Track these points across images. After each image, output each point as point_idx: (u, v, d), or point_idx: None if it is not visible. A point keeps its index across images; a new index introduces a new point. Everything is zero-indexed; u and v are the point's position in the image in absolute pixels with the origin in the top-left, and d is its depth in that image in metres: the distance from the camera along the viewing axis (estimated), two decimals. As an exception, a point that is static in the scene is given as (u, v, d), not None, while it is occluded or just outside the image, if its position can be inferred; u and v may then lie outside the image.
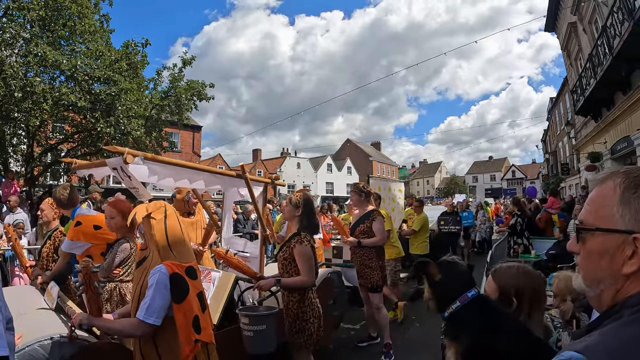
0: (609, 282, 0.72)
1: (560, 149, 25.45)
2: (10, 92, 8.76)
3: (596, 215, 0.76)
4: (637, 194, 0.71)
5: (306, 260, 2.81)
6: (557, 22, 17.68)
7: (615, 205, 0.72)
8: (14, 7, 9.58)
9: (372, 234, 4.22)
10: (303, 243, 2.83)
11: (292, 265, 2.85)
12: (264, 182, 3.94)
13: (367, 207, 4.42)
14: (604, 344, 0.63)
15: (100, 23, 11.97)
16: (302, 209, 3.03)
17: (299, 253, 2.81)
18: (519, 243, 7.42)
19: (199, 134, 31.76)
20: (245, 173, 3.46)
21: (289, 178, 41.21)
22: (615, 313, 0.69)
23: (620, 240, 0.70)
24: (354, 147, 59.31)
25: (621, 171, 0.75)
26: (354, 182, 7.15)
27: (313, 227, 3.06)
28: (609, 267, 0.72)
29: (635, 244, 0.68)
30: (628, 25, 8.17)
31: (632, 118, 10.49)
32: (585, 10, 13.10)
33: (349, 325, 5.20)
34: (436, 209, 11.90)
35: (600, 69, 10.56)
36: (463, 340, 1.46)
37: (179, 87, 12.83)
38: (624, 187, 0.72)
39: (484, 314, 1.48)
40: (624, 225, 0.70)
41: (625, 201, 0.71)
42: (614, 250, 0.71)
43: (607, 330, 0.66)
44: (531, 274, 1.72)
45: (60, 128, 13.41)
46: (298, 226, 3.01)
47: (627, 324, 0.64)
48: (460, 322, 1.52)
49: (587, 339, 0.65)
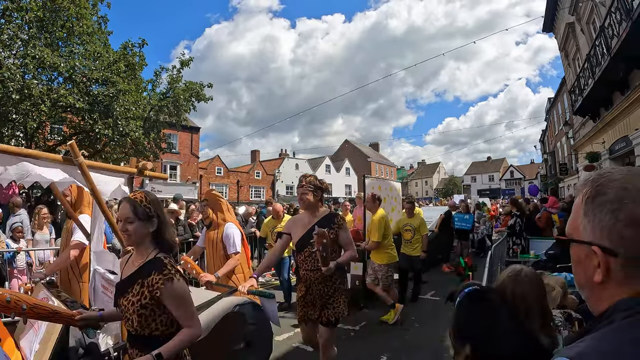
0: (588, 288, 0.76)
1: (558, 149, 25.50)
2: (8, 94, 8.74)
3: (570, 225, 0.79)
4: (594, 204, 0.73)
5: (183, 304, 1.76)
6: (555, 23, 17.71)
7: (581, 217, 0.75)
8: (13, 8, 9.56)
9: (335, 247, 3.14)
10: (173, 279, 1.72)
11: (156, 314, 1.74)
12: (125, 173, 3.14)
13: (319, 209, 3.24)
14: (595, 349, 0.64)
15: (99, 24, 11.97)
16: (154, 217, 1.85)
17: (171, 296, 1.71)
18: (517, 243, 7.42)
19: (197, 136, 31.79)
20: (78, 157, 2.48)
21: (287, 179, 41.18)
22: (606, 318, 0.70)
23: (587, 251, 0.73)
24: (352, 148, 59.31)
25: (590, 180, 0.78)
26: (349, 183, 6.92)
27: (168, 245, 1.92)
28: (584, 275, 0.75)
29: (597, 253, 0.71)
30: (626, 25, 8.19)
31: (630, 118, 10.51)
32: (583, 11, 13.13)
33: (348, 326, 5.18)
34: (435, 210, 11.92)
35: (598, 69, 10.58)
36: (453, 323, 1.67)
37: (177, 88, 12.83)
38: (587, 198, 0.75)
39: (468, 306, 1.66)
40: (587, 236, 0.73)
41: (587, 212, 0.74)
42: (584, 259, 0.75)
43: (598, 335, 0.67)
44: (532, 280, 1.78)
45: (58, 130, 13.37)
46: (150, 248, 1.85)
47: (618, 329, 0.66)
48: (457, 314, 1.71)
49: (580, 344, 0.66)
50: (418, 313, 5.81)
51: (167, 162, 28.61)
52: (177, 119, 13.47)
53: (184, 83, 13.05)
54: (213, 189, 4.08)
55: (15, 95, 8.73)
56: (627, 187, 0.71)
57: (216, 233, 3.82)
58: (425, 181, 75.52)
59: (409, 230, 6.54)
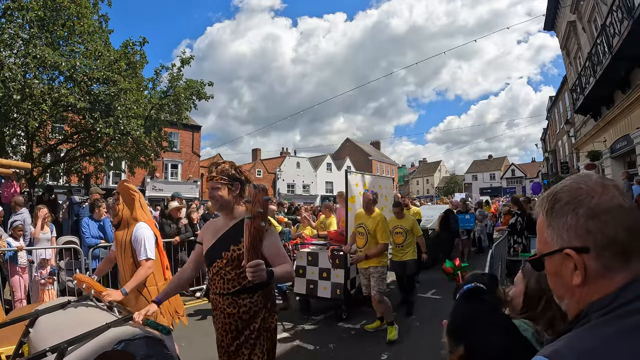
0: (569, 296, 0.77)
1: (559, 148, 25.45)
2: (9, 94, 8.75)
3: (539, 244, 0.84)
4: (554, 213, 0.77)
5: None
6: (557, 21, 17.66)
7: (546, 231, 0.79)
8: (14, 7, 9.56)
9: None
10: None
11: None
12: None
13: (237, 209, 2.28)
14: (570, 347, 0.65)
15: (99, 23, 11.95)
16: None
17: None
18: (518, 242, 7.41)
19: (199, 134, 31.77)
20: None
21: (288, 177, 41.20)
22: (582, 318, 0.72)
23: (561, 258, 0.75)
24: (353, 146, 59.27)
25: (544, 196, 0.82)
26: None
27: None
28: (563, 284, 0.78)
29: (571, 255, 0.73)
30: (627, 23, 8.17)
31: (631, 117, 10.50)
32: (585, 9, 13.09)
33: (349, 325, 5.19)
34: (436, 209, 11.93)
35: (599, 67, 10.56)
36: (448, 326, 1.63)
37: (177, 86, 12.83)
38: (546, 211, 0.79)
39: (466, 304, 1.62)
40: (555, 245, 0.76)
41: (550, 223, 0.78)
42: (559, 268, 0.77)
43: (574, 335, 0.69)
44: None
45: (59, 129, 13.38)
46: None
47: (593, 328, 0.68)
48: (452, 310, 1.68)
49: (556, 344, 0.68)
50: (419, 311, 5.82)
51: (169, 161, 28.62)
52: (178, 117, 13.46)
53: (184, 81, 13.04)
54: (127, 180, 3.27)
55: (16, 95, 8.74)
56: (579, 186, 0.76)
57: (125, 234, 3.08)
58: (426, 179, 75.46)
59: (399, 233, 5.82)
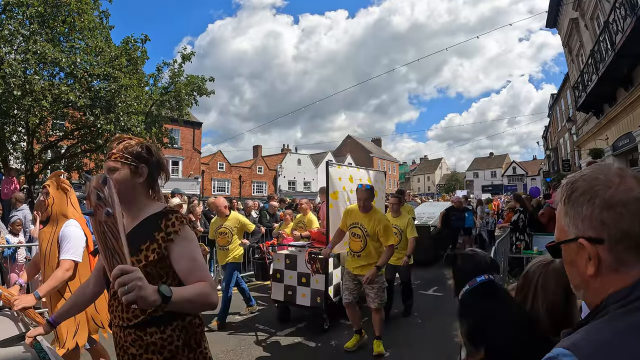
0: (584, 286, 0.77)
1: (561, 146, 25.40)
2: (9, 90, 8.73)
3: (557, 232, 0.83)
4: (571, 202, 0.77)
5: None
6: (559, 18, 17.57)
7: (563, 219, 0.79)
8: (14, 3, 9.53)
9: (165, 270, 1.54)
10: None
11: None
12: None
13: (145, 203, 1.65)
14: (589, 339, 0.66)
15: (100, 19, 11.92)
16: None
17: None
18: (521, 239, 7.41)
19: (200, 131, 31.77)
20: None
21: (289, 174, 41.19)
22: (601, 310, 0.72)
23: (576, 248, 0.76)
24: (354, 143, 59.26)
25: (564, 184, 0.82)
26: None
27: None
28: (578, 274, 0.78)
29: (585, 245, 0.73)
30: (630, 21, 8.12)
31: (634, 114, 10.46)
32: (587, 6, 13.02)
33: (350, 322, 5.18)
34: (438, 206, 11.92)
35: (602, 65, 10.51)
36: (464, 321, 1.59)
37: (178, 82, 12.82)
38: (563, 200, 0.79)
39: (485, 299, 1.57)
40: (571, 234, 0.76)
41: (567, 212, 0.78)
42: (575, 257, 0.77)
43: (592, 326, 0.69)
44: None
45: (60, 125, 13.37)
46: None
47: (611, 320, 0.68)
48: (464, 304, 1.65)
49: (575, 336, 0.69)
50: (421, 308, 5.81)
51: (169, 157, 28.62)
52: (179, 113, 13.46)
53: (185, 77, 13.04)
54: (60, 173, 2.91)
55: (17, 91, 8.72)
56: (596, 176, 0.75)
57: (52, 232, 2.73)
58: (427, 177, 75.44)
59: (394, 233, 4.78)
